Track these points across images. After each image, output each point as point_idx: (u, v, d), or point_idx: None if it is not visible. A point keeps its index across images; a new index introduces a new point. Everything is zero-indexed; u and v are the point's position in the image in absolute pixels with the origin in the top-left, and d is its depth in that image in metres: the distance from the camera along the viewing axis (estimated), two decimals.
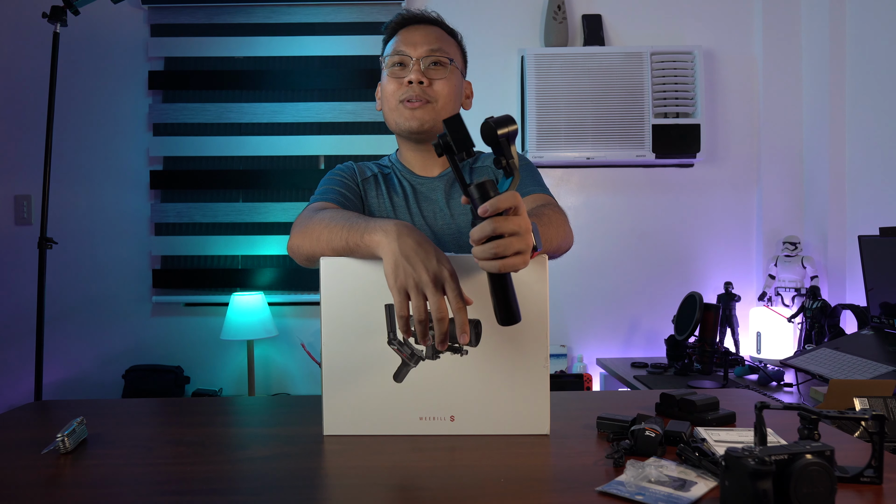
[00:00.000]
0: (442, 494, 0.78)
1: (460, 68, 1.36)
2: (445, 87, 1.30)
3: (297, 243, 1.11)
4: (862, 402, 1.18)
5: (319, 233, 1.04)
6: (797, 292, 2.66)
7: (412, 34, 1.31)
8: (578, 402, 1.23)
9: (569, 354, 2.87)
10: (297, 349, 2.87)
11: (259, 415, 1.22)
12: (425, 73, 1.29)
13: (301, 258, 1.13)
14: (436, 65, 1.30)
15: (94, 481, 0.84)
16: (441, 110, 1.30)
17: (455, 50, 1.36)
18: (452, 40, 1.36)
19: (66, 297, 2.86)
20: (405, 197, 1.34)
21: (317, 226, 1.06)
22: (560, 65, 2.74)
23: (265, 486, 0.80)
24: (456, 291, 0.87)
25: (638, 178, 2.91)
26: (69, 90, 2.84)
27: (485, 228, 0.84)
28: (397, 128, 1.33)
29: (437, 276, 0.88)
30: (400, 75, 1.30)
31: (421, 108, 1.28)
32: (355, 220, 1.00)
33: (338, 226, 1.02)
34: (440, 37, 1.33)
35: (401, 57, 1.30)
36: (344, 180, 1.33)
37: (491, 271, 0.85)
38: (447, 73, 1.30)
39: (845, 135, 2.67)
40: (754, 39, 2.90)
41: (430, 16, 1.35)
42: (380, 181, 1.36)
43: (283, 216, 2.88)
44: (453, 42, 1.36)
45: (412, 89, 1.28)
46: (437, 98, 1.29)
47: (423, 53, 1.29)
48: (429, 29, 1.33)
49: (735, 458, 0.68)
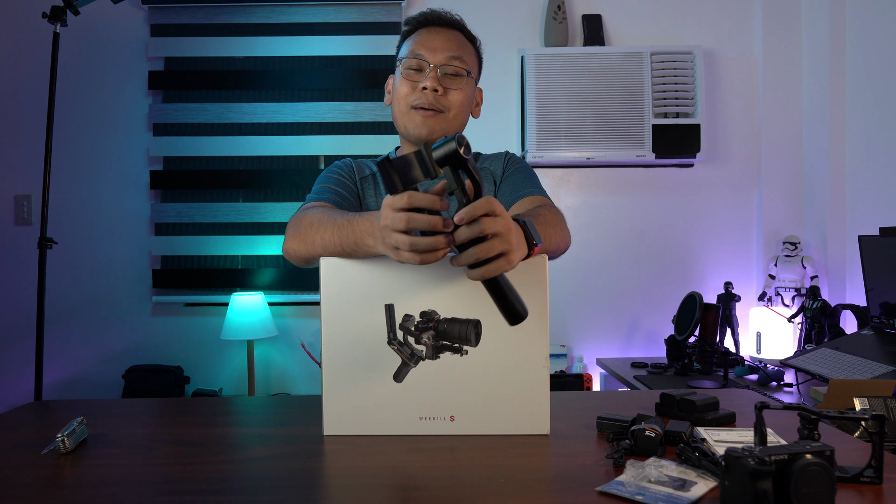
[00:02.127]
0: (442, 494, 0.78)
1: (475, 77, 1.35)
2: (459, 97, 1.28)
3: (292, 247, 1.11)
4: (862, 402, 1.18)
5: (312, 237, 1.04)
6: (797, 292, 2.66)
7: (433, 38, 1.29)
8: (578, 402, 1.22)
9: (569, 354, 2.87)
10: (297, 349, 2.87)
11: (259, 415, 1.22)
12: (441, 80, 1.27)
13: (297, 261, 1.13)
14: (453, 75, 1.28)
15: (94, 481, 0.84)
16: (452, 120, 1.28)
17: (473, 59, 1.33)
18: (471, 48, 1.34)
19: (66, 297, 2.86)
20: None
21: (308, 230, 1.06)
22: (560, 65, 2.74)
23: (265, 486, 0.80)
24: (426, 196, 0.82)
25: (638, 178, 2.91)
26: (69, 90, 2.83)
27: (461, 235, 0.81)
28: (405, 131, 1.31)
29: (401, 210, 0.82)
30: (415, 79, 1.28)
31: (433, 118, 1.26)
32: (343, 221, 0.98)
33: (328, 229, 1.00)
34: (461, 44, 1.30)
35: (418, 61, 1.28)
36: (340, 178, 1.32)
37: (477, 279, 0.83)
38: (463, 83, 1.29)
39: (845, 135, 2.67)
40: (754, 39, 2.90)
41: (453, 18, 1.33)
42: (378, 180, 1.35)
43: (283, 216, 2.88)
44: (472, 50, 1.34)
45: (426, 96, 1.26)
46: (450, 108, 1.27)
47: (441, 61, 1.27)
48: (450, 34, 1.30)
49: (735, 458, 0.68)
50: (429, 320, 0.96)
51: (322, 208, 1.13)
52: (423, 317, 0.96)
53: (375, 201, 1.33)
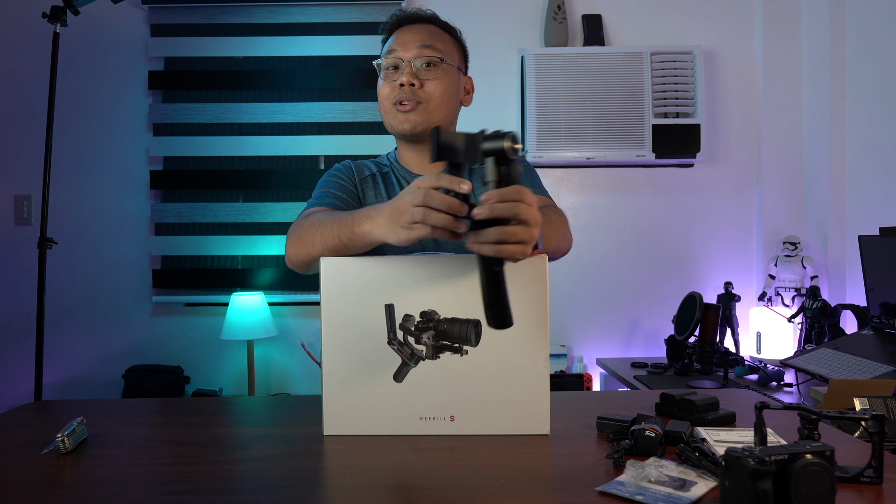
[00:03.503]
0: (442, 494, 0.78)
1: (456, 65, 1.33)
2: (438, 87, 1.28)
3: (293, 252, 1.13)
4: (862, 402, 1.18)
5: (312, 237, 1.06)
6: (797, 292, 2.66)
7: (404, 35, 1.30)
8: (578, 402, 1.23)
9: (569, 354, 2.87)
10: (297, 349, 2.87)
11: (259, 415, 1.22)
12: (417, 74, 1.27)
13: (300, 266, 1.14)
14: (428, 65, 1.28)
15: (94, 481, 0.84)
16: (434, 111, 1.28)
17: (450, 47, 1.33)
18: (448, 37, 1.34)
19: (66, 297, 2.86)
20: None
21: (307, 231, 1.08)
22: (560, 65, 2.74)
23: (265, 486, 0.80)
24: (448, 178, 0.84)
25: (638, 178, 2.91)
26: (69, 90, 2.84)
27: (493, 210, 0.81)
28: (392, 130, 1.32)
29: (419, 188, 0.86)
30: (393, 78, 1.29)
31: (413, 111, 1.27)
32: (341, 216, 1.03)
33: (327, 226, 1.04)
34: (433, 34, 1.30)
35: (393, 59, 1.29)
36: (340, 181, 1.33)
37: (487, 255, 0.82)
38: (439, 72, 1.28)
39: (845, 135, 2.67)
40: (754, 39, 2.90)
41: (423, 14, 1.33)
42: (378, 180, 1.36)
43: (283, 216, 2.88)
44: (448, 38, 1.33)
45: (403, 91, 1.27)
46: (428, 99, 1.27)
47: (413, 55, 1.27)
48: (421, 28, 1.31)
49: (735, 458, 0.68)
50: (429, 320, 0.96)
51: (322, 212, 1.15)
52: (423, 317, 0.96)
53: (376, 201, 1.33)
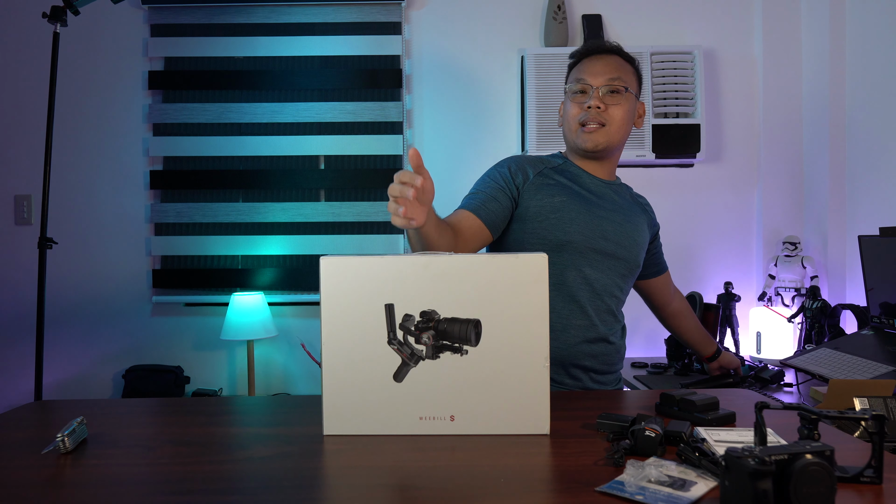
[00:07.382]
0: (442, 494, 0.78)
1: (634, 93, 1.53)
2: (619, 111, 1.48)
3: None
4: (862, 402, 1.18)
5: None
6: (797, 292, 2.66)
7: (594, 64, 1.50)
8: (578, 402, 1.23)
9: None
10: (297, 349, 2.87)
11: (259, 415, 1.22)
12: (602, 98, 1.47)
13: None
14: (613, 92, 1.47)
15: (94, 481, 0.84)
16: (615, 133, 1.49)
17: (631, 77, 1.52)
18: (630, 67, 1.53)
19: (66, 297, 2.86)
20: (582, 188, 1.53)
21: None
22: (560, 65, 2.73)
23: (265, 486, 0.80)
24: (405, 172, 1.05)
25: (638, 178, 2.90)
26: (69, 90, 2.84)
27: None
28: (574, 147, 1.52)
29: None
30: (581, 101, 1.49)
31: (597, 132, 1.47)
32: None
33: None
34: (619, 66, 1.50)
35: (582, 85, 1.49)
36: (497, 183, 1.48)
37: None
38: (622, 99, 1.48)
39: (845, 135, 2.67)
40: (754, 39, 2.90)
41: (611, 46, 1.54)
42: (560, 172, 1.53)
43: (283, 216, 2.88)
44: (630, 69, 1.53)
45: (590, 113, 1.47)
46: (611, 121, 1.47)
47: (601, 83, 1.47)
48: (608, 59, 1.51)
49: (735, 458, 0.68)
50: (429, 320, 0.96)
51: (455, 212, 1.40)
52: (423, 317, 0.96)
53: (551, 190, 1.48)
